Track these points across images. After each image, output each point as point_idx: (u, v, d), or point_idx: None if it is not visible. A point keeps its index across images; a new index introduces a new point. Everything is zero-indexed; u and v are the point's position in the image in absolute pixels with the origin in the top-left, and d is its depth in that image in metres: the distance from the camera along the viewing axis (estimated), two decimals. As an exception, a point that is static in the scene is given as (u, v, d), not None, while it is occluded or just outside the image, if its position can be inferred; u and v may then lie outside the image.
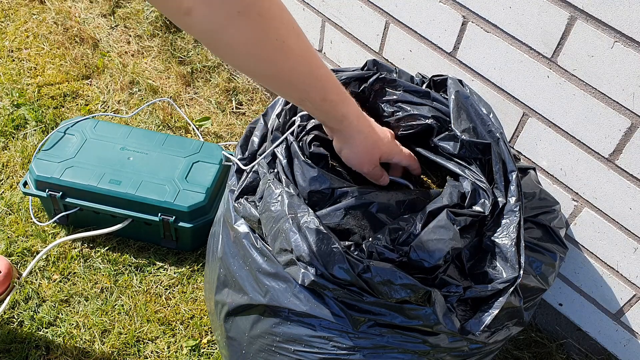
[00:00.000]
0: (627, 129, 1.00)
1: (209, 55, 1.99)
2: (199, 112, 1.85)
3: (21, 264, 1.46)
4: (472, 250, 0.90)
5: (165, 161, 1.48)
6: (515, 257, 0.86)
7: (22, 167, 1.65)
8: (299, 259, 0.83)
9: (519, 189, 0.90)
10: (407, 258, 0.83)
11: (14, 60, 1.99)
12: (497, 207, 0.90)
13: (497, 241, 0.88)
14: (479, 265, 0.89)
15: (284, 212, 0.86)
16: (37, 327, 1.34)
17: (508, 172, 0.91)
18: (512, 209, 0.89)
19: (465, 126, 0.95)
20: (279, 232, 0.86)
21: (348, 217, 0.89)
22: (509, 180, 0.91)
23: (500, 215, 0.90)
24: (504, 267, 0.86)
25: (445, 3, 1.16)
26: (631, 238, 1.10)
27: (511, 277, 0.85)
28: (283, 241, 0.85)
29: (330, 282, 0.81)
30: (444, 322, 0.82)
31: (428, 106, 1.01)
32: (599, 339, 1.29)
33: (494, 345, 0.95)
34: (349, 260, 0.79)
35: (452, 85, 1.01)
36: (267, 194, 0.90)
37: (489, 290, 0.85)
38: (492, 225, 0.90)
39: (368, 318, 0.85)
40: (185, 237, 1.46)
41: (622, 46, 0.94)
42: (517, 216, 0.88)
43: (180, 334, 1.36)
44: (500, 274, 0.86)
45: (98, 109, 1.84)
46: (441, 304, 0.82)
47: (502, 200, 0.90)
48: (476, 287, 0.85)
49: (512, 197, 0.89)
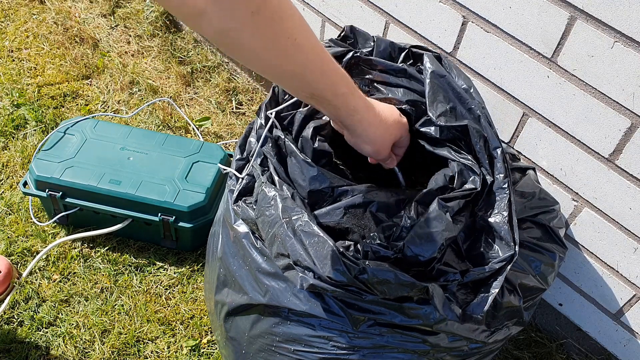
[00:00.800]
0: (627, 129, 1.00)
1: (209, 56, 1.99)
2: (199, 112, 1.85)
3: (21, 264, 1.46)
4: (467, 231, 0.89)
5: (165, 161, 1.48)
6: (509, 235, 0.85)
7: (22, 167, 1.65)
8: (296, 263, 0.83)
9: (505, 165, 0.88)
10: (402, 254, 0.82)
11: (14, 60, 1.99)
12: (487, 185, 0.88)
13: (489, 220, 0.87)
14: (475, 246, 0.88)
15: (278, 217, 0.85)
16: (37, 327, 1.34)
17: (492, 149, 0.89)
18: (501, 186, 0.87)
19: (441, 109, 0.92)
20: (275, 236, 0.86)
21: (348, 216, 0.89)
22: (494, 157, 0.89)
23: (490, 194, 0.88)
24: (499, 246, 0.85)
25: (445, 3, 1.16)
26: (631, 238, 1.10)
27: (507, 256, 0.84)
28: (279, 245, 0.85)
29: (329, 284, 0.81)
30: (444, 314, 0.81)
31: (403, 87, 0.98)
32: (599, 339, 1.29)
33: (493, 344, 0.95)
34: (345, 263, 0.79)
35: (429, 63, 0.95)
36: (261, 198, 0.89)
37: (486, 272, 0.84)
38: (483, 204, 0.89)
39: (368, 317, 0.85)
40: (185, 237, 1.46)
41: (622, 46, 0.94)
42: (506, 193, 0.86)
43: (180, 334, 1.36)
44: (497, 253, 0.85)
45: (98, 109, 1.84)
46: (440, 296, 0.81)
47: (489, 178, 0.88)
48: (474, 270, 0.85)
49: (500, 174, 0.87)
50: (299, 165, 0.92)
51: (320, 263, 0.80)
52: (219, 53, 2.00)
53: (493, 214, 0.87)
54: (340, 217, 0.89)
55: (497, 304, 0.90)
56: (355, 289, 0.81)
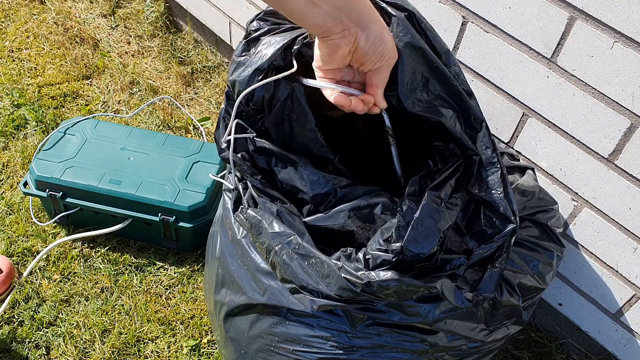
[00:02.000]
0: (627, 129, 1.00)
1: (209, 56, 2.00)
2: (199, 112, 1.85)
3: (21, 264, 1.46)
4: (465, 209, 0.88)
5: (165, 161, 1.48)
6: (508, 209, 0.83)
7: (23, 167, 1.65)
8: (301, 287, 0.83)
9: (491, 139, 0.85)
10: (403, 255, 0.82)
11: (14, 60, 1.99)
12: (475, 163, 0.86)
13: (485, 197, 0.85)
14: (475, 223, 0.87)
15: (270, 246, 0.85)
16: (38, 327, 1.35)
17: (476, 123, 0.85)
18: (490, 161, 0.85)
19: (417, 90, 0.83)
20: (274, 264, 0.86)
21: (352, 218, 0.89)
22: (478, 131, 0.85)
23: (480, 170, 0.86)
24: (499, 220, 0.85)
25: (445, 3, 1.16)
26: (630, 238, 1.10)
27: (509, 229, 0.83)
28: (281, 271, 0.85)
29: (338, 302, 0.81)
30: (458, 304, 0.81)
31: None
32: (599, 338, 1.29)
33: (492, 344, 0.95)
34: (349, 280, 0.78)
35: (401, 32, 0.79)
36: (249, 226, 0.89)
37: (491, 249, 0.84)
38: (475, 181, 0.87)
39: (367, 316, 0.85)
40: (186, 237, 1.46)
41: (622, 46, 0.94)
42: (497, 167, 0.84)
43: (180, 333, 1.36)
44: (497, 228, 0.85)
45: (98, 109, 1.84)
46: (450, 289, 0.81)
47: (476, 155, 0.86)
48: (477, 250, 0.84)
49: (488, 149, 0.85)
50: (299, 172, 0.91)
51: (325, 282, 0.80)
52: (219, 53, 2.01)
53: (488, 190, 0.85)
54: (345, 219, 0.88)
55: (496, 303, 0.90)
56: (366, 299, 0.81)
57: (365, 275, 0.78)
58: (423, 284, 0.79)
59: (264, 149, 0.93)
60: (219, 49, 2.01)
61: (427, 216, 0.81)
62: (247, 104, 0.91)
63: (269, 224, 0.86)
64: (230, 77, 0.91)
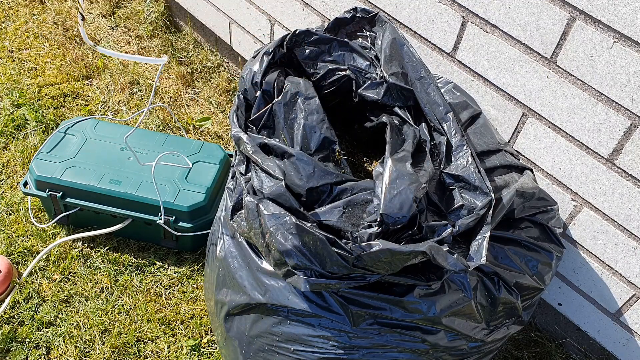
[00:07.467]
0: (627, 129, 1.00)
1: (209, 56, 2.00)
2: (199, 112, 1.85)
3: (21, 264, 1.46)
4: (441, 190, 0.94)
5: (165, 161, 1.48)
6: (483, 184, 0.90)
7: (23, 167, 1.65)
8: (295, 267, 0.83)
9: (458, 125, 0.95)
10: (384, 225, 0.83)
11: (14, 60, 1.99)
12: (444, 146, 0.95)
13: (460, 175, 0.92)
14: (453, 202, 0.92)
15: (266, 228, 0.85)
16: (37, 327, 1.35)
17: (444, 113, 0.97)
18: (460, 144, 0.94)
19: (394, 70, 1.02)
20: (268, 246, 0.86)
21: (347, 214, 0.89)
22: (446, 120, 0.96)
23: (450, 154, 0.95)
24: (475, 196, 0.90)
25: (444, 3, 1.16)
26: (630, 238, 1.10)
27: (486, 202, 0.88)
28: (275, 253, 0.85)
29: (331, 279, 0.81)
30: (452, 267, 0.81)
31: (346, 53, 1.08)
32: (598, 338, 1.29)
33: (492, 344, 0.95)
34: (340, 255, 0.79)
35: (388, 30, 1.07)
36: (247, 213, 0.90)
37: (473, 218, 0.87)
38: (447, 164, 0.95)
39: (368, 314, 0.85)
40: (185, 237, 1.46)
41: (621, 46, 0.94)
42: (467, 149, 0.94)
43: (180, 333, 1.36)
44: (474, 203, 0.89)
45: (98, 109, 1.84)
46: (441, 252, 0.82)
47: (443, 137, 0.96)
48: (461, 219, 0.88)
49: (457, 135, 0.95)
50: (293, 164, 0.91)
51: (318, 260, 0.80)
52: (219, 53, 2.01)
53: (460, 169, 0.93)
54: (340, 215, 0.89)
55: (494, 299, 0.90)
56: (359, 274, 0.81)
57: (356, 248, 0.80)
58: (412, 249, 0.79)
59: (265, 144, 0.96)
60: (218, 49, 2.01)
61: (396, 180, 0.85)
62: (255, 89, 1.03)
63: (265, 207, 0.87)
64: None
